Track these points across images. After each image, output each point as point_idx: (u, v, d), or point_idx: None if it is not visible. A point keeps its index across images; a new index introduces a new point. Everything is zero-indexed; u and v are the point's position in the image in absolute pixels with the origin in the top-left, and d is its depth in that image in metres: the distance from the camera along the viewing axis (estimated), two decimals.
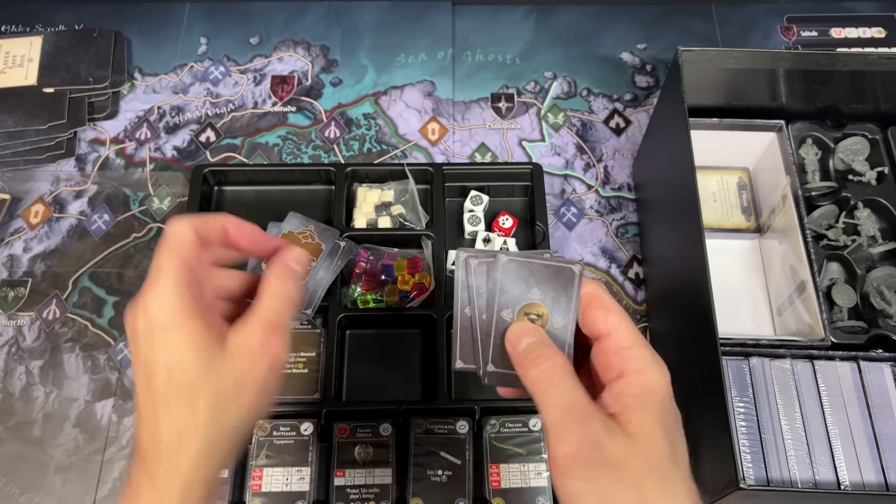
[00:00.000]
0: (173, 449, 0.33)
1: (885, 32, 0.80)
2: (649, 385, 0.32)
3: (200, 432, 0.33)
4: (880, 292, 0.56)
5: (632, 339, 0.33)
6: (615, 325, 0.34)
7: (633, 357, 0.33)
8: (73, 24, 0.80)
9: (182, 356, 0.33)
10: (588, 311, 0.35)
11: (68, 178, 0.72)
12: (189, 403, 0.33)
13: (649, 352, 0.33)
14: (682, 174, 0.53)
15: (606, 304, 0.35)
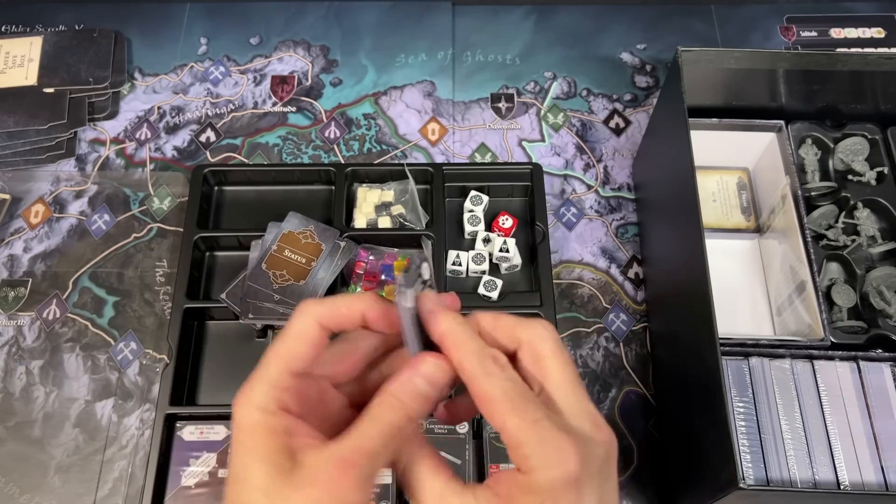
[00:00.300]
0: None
1: (884, 32, 0.80)
2: (538, 486, 0.29)
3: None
4: (880, 292, 0.56)
5: (520, 436, 0.29)
6: (502, 426, 0.29)
7: (523, 456, 0.29)
8: (73, 25, 0.80)
9: (249, 471, 0.30)
10: (479, 408, 0.31)
11: (68, 178, 0.72)
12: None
13: (542, 448, 0.29)
14: (681, 174, 0.53)
15: (489, 396, 0.30)
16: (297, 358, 0.32)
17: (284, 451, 0.30)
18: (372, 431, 0.30)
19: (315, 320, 0.32)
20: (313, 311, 0.32)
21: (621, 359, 0.64)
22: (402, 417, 0.31)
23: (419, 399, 0.31)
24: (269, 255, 0.62)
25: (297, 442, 0.30)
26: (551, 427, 0.29)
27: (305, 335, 0.32)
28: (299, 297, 0.60)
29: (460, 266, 0.64)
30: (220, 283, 0.66)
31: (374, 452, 0.30)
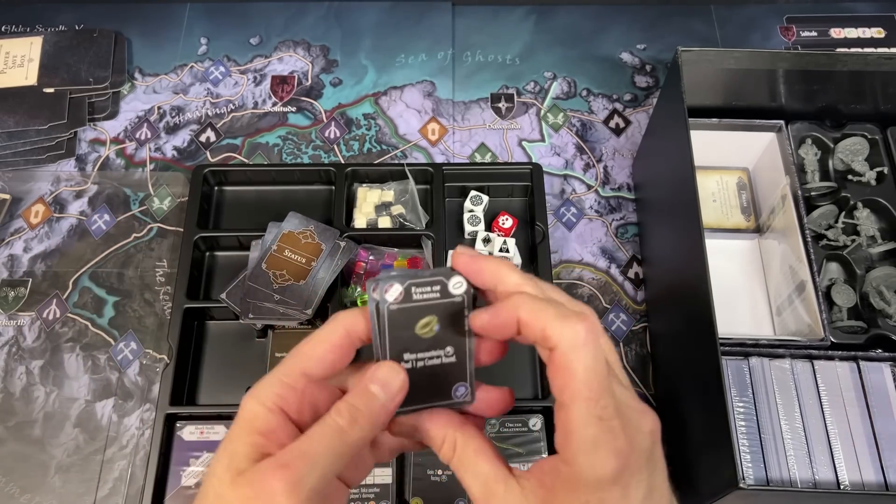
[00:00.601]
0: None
1: (884, 33, 0.80)
2: (581, 478, 0.28)
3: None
4: (880, 292, 0.56)
5: (585, 423, 0.28)
6: (573, 400, 0.28)
7: (577, 448, 0.28)
8: (73, 25, 0.80)
9: (216, 463, 0.30)
10: (556, 379, 0.29)
11: (68, 178, 0.73)
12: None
13: (594, 443, 0.28)
14: (681, 174, 0.53)
15: (573, 372, 0.28)
16: (313, 358, 0.31)
17: (251, 452, 0.29)
18: (316, 435, 0.30)
19: (342, 326, 0.32)
20: (343, 318, 0.32)
21: (621, 359, 0.64)
22: (347, 421, 0.30)
23: (371, 404, 0.31)
24: (269, 255, 0.62)
25: (270, 446, 0.29)
26: (610, 418, 0.28)
27: (328, 338, 0.32)
28: (299, 297, 0.60)
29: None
30: (220, 283, 0.66)
31: (314, 456, 0.29)
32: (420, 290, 0.31)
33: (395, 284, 0.31)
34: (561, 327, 0.29)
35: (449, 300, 0.31)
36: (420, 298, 0.31)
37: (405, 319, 0.31)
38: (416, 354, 0.32)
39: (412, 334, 0.32)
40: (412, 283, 0.31)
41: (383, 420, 0.31)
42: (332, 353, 0.31)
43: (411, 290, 0.31)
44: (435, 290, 0.31)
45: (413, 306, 0.31)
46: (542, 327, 0.29)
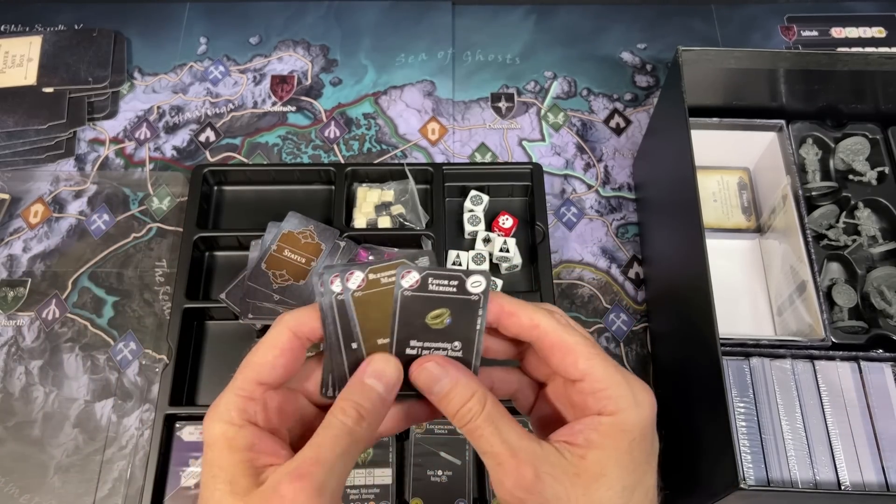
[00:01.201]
0: None
1: (885, 32, 0.80)
2: (622, 427, 0.30)
3: None
4: (881, 292, 0.56)
5: (607, 379, 0.31)
6: (587, 368, 0.31)
7: (610, 398, 0.31)
8: (72, 24, 0.80)
9: (211, 492, 0.29)
10: (552, 358, 0.32)
11: (68, 177, 0.72)
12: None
13: (628, 389, 0.31)
14: (682, 174, 0.53)
15: (570, 346, 0.31)
16: (265, 366, 0.31)
17: (246, 470, 0.29)
18: (324, 440, 0.30)
19: (287, 328, 0.32)
20: (287, 320, 0.32)
21: (622, 359, 0.64)
22: (354, 419, 0.30)
23: (370, 398, 0.31)
24: (268, 255, 0.62)
25: (260, 459, 0.29)
26: (629, 373, 0.32)
27: (275, 343, 0.31)
28: (299, 297, 0.60)
29: (461, 266, 0.64)
30: (220, 283, 0.66)
31: (328, 460, 0.29)
32: (437, 282, 0.32)
33: (413, 272, 0.32)
34: (544, 313, 0.32)
35: (465, 297, 0.32)
36: (436, 290, 0.32)
37: (418, 307, 0.32)
38: (423, 343, 0.32)
39: (422, 322, 0.32)
40: (430, 275, 0.32)
41: (384, 412, 0.32)
42: (282, 357, 0.31)
43: (428, 280, 0.32)
44: (452, 285, 0.32)
45: (427, 296, 0.32)
46: (529, 316, 0.32)
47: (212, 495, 0.29)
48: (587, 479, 0.30)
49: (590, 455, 0.30)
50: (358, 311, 0.32)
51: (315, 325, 0.32)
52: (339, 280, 0.32)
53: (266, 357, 0.31)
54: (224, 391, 0.31)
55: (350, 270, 0.32)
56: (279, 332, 0.32)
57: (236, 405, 0.30)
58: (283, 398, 0.32)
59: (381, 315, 0.32)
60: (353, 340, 0.32)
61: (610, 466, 0.30)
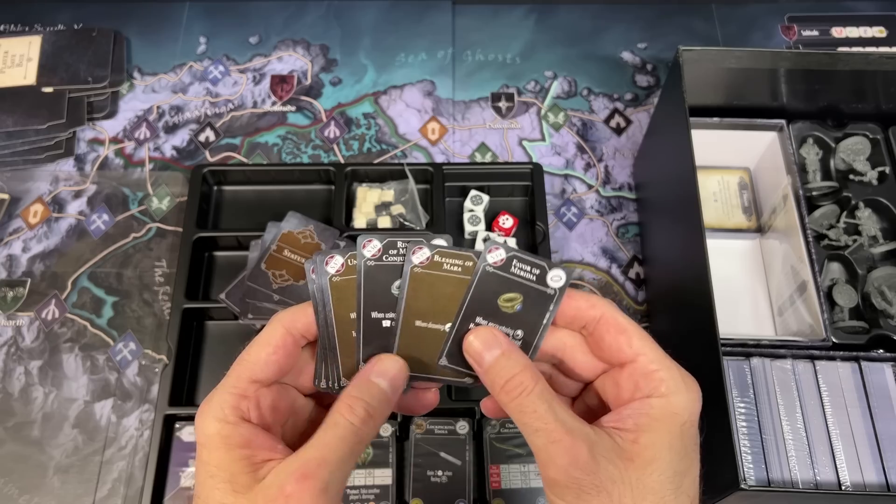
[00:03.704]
0: None
1: (886, 32, 0.80)
2: (674, 409, 0.30)
3: None
4: (881, 292, 0.56)
5: (660, 361, 0.31)
6: (641, 349, 0.31)
7: (662, 379, 0.30)
8: (72, 24, 0.80)
9: (209, 491, 0.29)
10: (607, 337, 0.32)
11: (67, 177, 0.72)
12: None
13: (679, 373, 0.31)
14: (682, 174, 0.53)
15: (625, 326, 0.31)
16: (258, 363, 0.31)
17: (245, 467, 0.29)
18: (330, 439, 0.29)
19: (281, 325, 0.32)
20: (281, 317, 0.32)
21: None
22: (361, 419, 0.30)
23: (378, 397, 0.31)
24: (268, 255, 0.62)
25: (258, 455, 0.29)
26: (676, 364, 0.31)
27: (269, 341, 0.31)
28: (299, 298, 0.60)
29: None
30: (220, 283, 0.66)
31: (334, 460, 0.29)
32: (520, 266, 0.32)
33: (500, 250, 0.31)
34: (599, 298, 0.32)
35: (542, 287, 0.32)
36: (517, 273, 0.32)
37: (494, 286, 0.32)
38: (487, 323, 0.32)
39: (494, 303, 0.32)
40: (516, 256, 0.32)
41: (389, 411, 0.32)
42: (275, 354, 0.31)
43: (512, 262, 0.32)
44: (534, 273, 0.32)
45: (508, 277, 0.32)
46: (586, 298, 0.32)
47: (211, 494, 0.29)
48: (640, 462, 0.29)
49: (642, 439, 0.29)
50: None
51: (309, 321, 0.32)
52: (333, 261, 0.32)
53: (259, 355, 0.31)
54: (216, 389, 0.31)
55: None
56: (273, 330, 0.32)
57: (230, 403, 0.30)
58: (276, 395, 0.32)
59: (433, 297, 0.32)
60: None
61: (663, 451, 0.29)
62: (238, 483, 0.28)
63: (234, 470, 0.29)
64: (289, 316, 0.32)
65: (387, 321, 0.32)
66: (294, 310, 0.32)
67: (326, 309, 0.32)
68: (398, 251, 0.32)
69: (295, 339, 0.32)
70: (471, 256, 0.32)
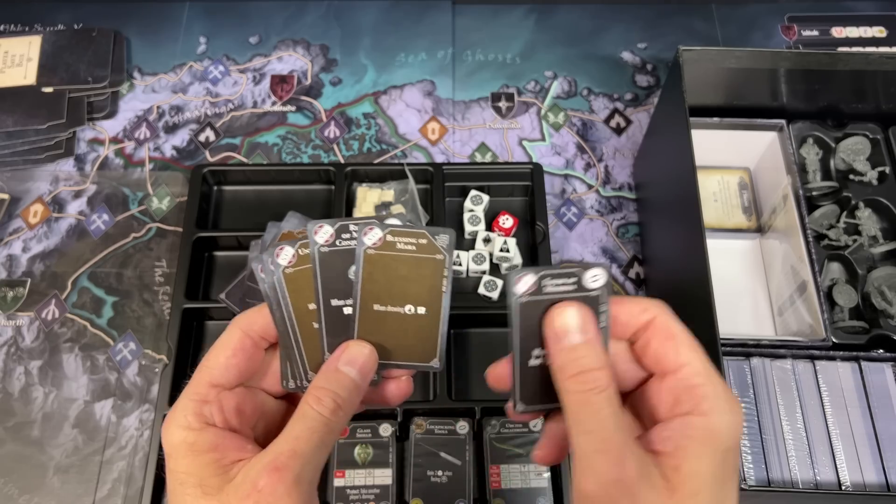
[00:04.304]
0: None
1: (886, 32, 0.80)
2: (717, 431, 0.28)
3: None
4: (881, 292, 0.56)
5: (706, 375, 0.28)
6: (688, 359, 0.29)
7: (706, 396, 0.28)
8: (72, 24, 0.80)
9: (180, 499, 0.29)
10: (653, 342, 0.30)
11: (67, 177, 0.72)
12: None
13: (724, 390, 0.28)
14: (682, 174, 0.53)
15: (676, 333, 0.29)
16: (217, 367, 0.31)
17: (214, 470, 0.28)
18: (300, 431, 0.29)
19: (238, 328, 0.31)
20: (239, 319, 0.32)
21: None
22: (330, 409, 0.29)
23: (346, 386, 0.30)
24: None
25: (227, 457, 0.29)
26: (722, 379, 0.29)
27: (227, 344, 0.31)
28: None
29: (460, 266, 0.64)
30: (220, 283, 0.66)
31: (305, 452, 0.28)
32: (554, 282, 0.29)
33: (528, 275, 0.29)
34: (651, 301, 0.31)
35: (585, 293, 0.29)
36: (553, 290, 0.29)
37: (537, 311, 0.29)
38: (545, 351, 0.30)
39: (539, 331, 0.29)
40: (545, 276, 0.29)
41: (359, 400, 0.31)
42: (234, 357, 0.31)
43: (542, 283, 0.29)
44: (570, 283, 0.29)
45: (545, 299, 0.29)
46: (638, 301, 0.30)
47: (182, 501, 0.28)
48: (683, 495, 0.27)
49: (685, 467, 0.27)
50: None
51: (266, 321, 0.32)
52: (283, 252, 0.31)
53: (218, 359, 0.31)
54: (179, 398, 0.31)
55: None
56: (231, 333, 0.32)
57: (192, 409, 0.30)
58: (240, 398, 0.31)
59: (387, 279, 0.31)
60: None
61: (707, 482, 0.27)
62: (208, 486, 0.28)
63: (203, 474, 0.28)
64: (246, 318, 0.32)
65: (348, 308, 0.32)
66: (251, 311, 0.32)
67: (284, 303, 0.31)
68: (351, 235, 0.31)
69: (254, 340, 0.32)
70: (424, 234, 0.31)
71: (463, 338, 0.63)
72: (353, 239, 0.31)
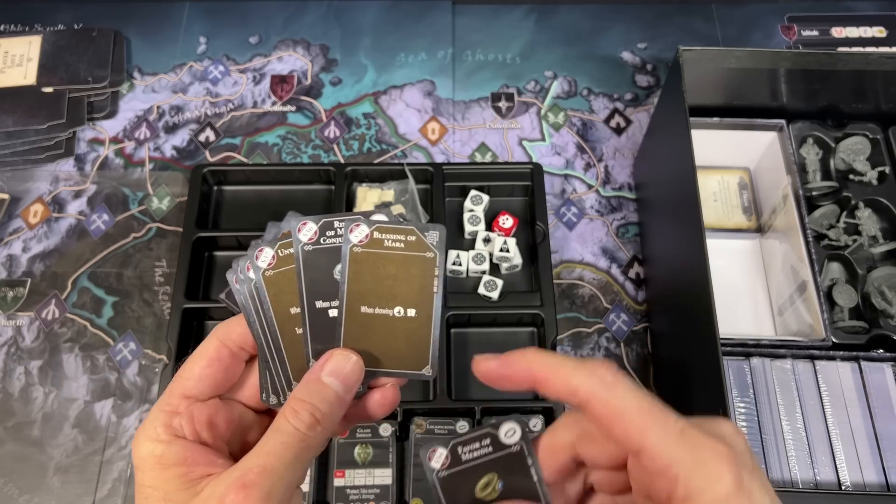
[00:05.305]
0: None
1: (885, 32, 0.80)
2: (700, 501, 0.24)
3: None
4: (881, 292, 0.56)
5: (668, 454, 0.24)
6: (643, 438, 0.24)
7: (677, 479, 0.24)
8: (72, 24, 0.80)
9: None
10: (603, 429, 0.26)
11: (67, 177, 0.72)
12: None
13: (697, 463, 0.24)
14: (682, 174, 0.53)
15: (619, 411, 0.25)
16: (190, 378, 0.30)
17: (181, 484, 0.27)
18: (273, 446, 0.27)
19: (215, 337, 0.30)
20: (217, 329, 0.30)
21: (622, 359, 0.64)
22: (307, 424, 0.27)
23: (328, 399, 0.28)
24: None
25: (195, 472, 0.28)
26: (699, 434, 0.24)
27: (203, 354, 0.30)
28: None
29: (460, 266, 0.64)
30: (220, 283, 0.66)
31: (276, 469, 0.27)
32: (468, 448, 0.28)
33: (439, 449, 0.27)
34: (584, 374, 0.26)
35: (505, 452, 0.28)
36: (471, 457, 0.28)
37: (461, 485, 0.27)
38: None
39: (473, 499, 0.27)
40: (457, 443, 0.28)
41: (342, 413, 0.29)
42: (209, 367, 0.30)
43: (458, 451, 0.27)
44: (485, 445, 0.28)
45: (465, 468, 0.28)
46: (565, 381, 0.26)
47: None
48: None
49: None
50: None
51: (244, 330, 0.30)
52: (262, 254, 0.30)
53: (193, 370, 0.30)
54: (152, 409, 0.30)
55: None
56: (207, 343, 0.30)
57: (161, 421, 0.29)
58: (212, 410, 0.30)
59: None
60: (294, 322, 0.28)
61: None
62: (173, 500, 0.27)
63: (168, 488, 0.27)
64: (224, 328, 0.31)
65: (333, 310, 0.30)
66: (230, 321, 0.31)
67: (264, 309, 0.30)
68: (336, 232, 0.30)
69: (232, 351, 0.30)
70: (412, 230, 0.29)
71: (463, 338, 0.63)
72: (338, 236, 0.30)
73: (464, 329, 0.63)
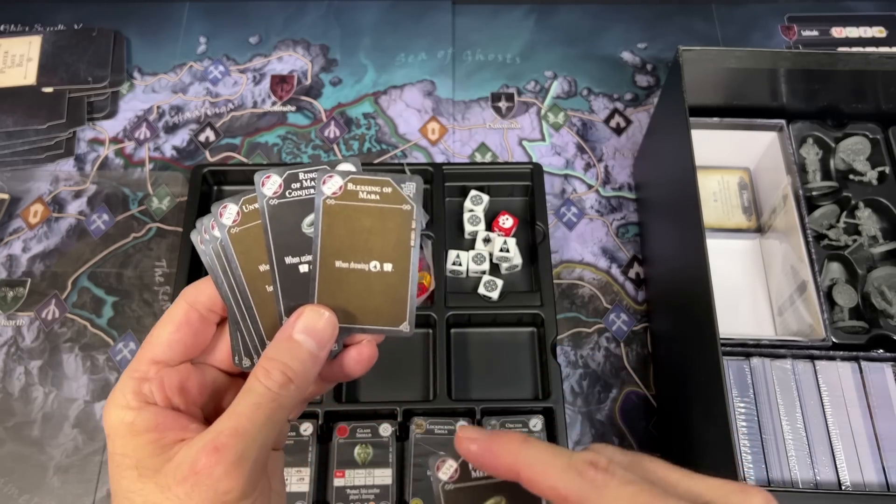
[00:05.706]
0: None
1: (885, 32, 0.80)
2: None
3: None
4: (881, 292, 0.56)
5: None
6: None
7: None
8: (72, 24, 0.80)
9: (119, 483, 0.27)
10: None
11: (67, 177, 0.72)
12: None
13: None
14: (682, 174, 0.53)
15: (548, 487, 0.24)
16: (159, 343, 0.29)
17: (153, 450, 0.27)
18: (244, 407, 0.26)
19: (184, 300, 0.29)
20: (185, 292, 0.30)
21: (622, 359, 0.64)
22: (279, 384, 0.27)
23: (300, 357, 0.27)
24: None
25: (167, 437, 0.27)
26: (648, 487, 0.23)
27: (171, 318, 0.29)
28: None
29: (460, 266, 0.64)
30: None
31: (248, 431, 0.26)
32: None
33: (448, 461, 0.27)
34: (572, 476, 0.24)
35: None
36: (480, 476, 0.27)
37: (464, 501, 0.27)
38: None
39: None
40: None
41: (316, 372, 0.28)
42: (177, 332, 0.29)
43: (469, 467, 0.27)
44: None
45: (473, 486, 0.27)
46: (551, 485, 0.25)
47: (119, 485, 0.27)
48: None
49: None
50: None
51: (213, 292, 0.30)
52: (227, 211, 0.29)
53: (161, 336, 0.29)
54: (120, 376, 0.29)
55: (223, 204, 0.28)
56: (176, 307, 0.30)
57: (131, 388, 0.28)
58: (183, 375, 0.29)
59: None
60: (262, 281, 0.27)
61: None
62: (145, 467, 0.26)
63: (140, 455, 0.27)
64: (192, 290, 0.30)
65: (304, 266, 0.29)
66: (198, 283, 0.30)
67: (232, 268, 0.29)
68: (301, 184, 0.29)
69: (201, 314, 0.30)
70: (388, 181, 0.28)
71: (463, 338, 0.63)
72: (303, 189, 0.29)
73: (464, 329, 0.63)
